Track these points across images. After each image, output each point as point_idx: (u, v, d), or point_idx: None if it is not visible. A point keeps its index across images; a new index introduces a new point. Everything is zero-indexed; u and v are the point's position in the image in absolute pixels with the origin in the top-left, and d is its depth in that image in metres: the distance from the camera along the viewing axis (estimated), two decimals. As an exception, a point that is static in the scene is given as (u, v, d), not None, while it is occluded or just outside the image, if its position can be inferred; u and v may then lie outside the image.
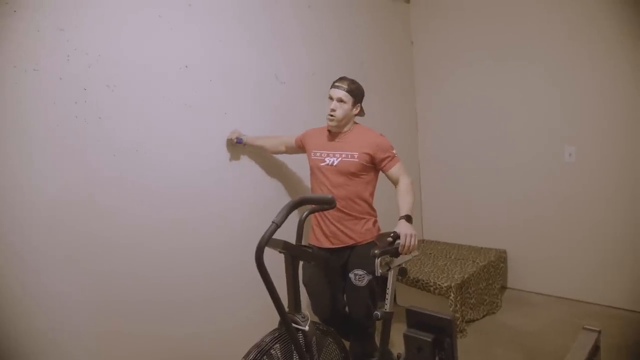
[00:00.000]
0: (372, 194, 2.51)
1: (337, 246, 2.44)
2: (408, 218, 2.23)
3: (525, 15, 3.46)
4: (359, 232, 2.44)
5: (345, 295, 2.53)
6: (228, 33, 2.59)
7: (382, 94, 3.77)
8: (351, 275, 2.39)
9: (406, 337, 1.14)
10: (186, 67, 2.39)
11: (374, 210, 2.53)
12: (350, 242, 2.43)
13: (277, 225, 1.56)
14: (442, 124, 4.10)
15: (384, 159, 2.40)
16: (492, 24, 3.65)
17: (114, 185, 2.12)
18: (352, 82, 2.42)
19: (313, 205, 2.13)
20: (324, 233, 2.47)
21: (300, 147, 2.64)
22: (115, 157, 2.12)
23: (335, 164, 2.41)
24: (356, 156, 2.38)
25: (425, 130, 4.24)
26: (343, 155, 2.40)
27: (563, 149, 3.42)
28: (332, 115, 2.39)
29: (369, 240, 2.42)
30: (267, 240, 1.53)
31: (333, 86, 2.43)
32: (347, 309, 2.54)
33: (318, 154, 2.48)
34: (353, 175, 2.40)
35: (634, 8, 3.01)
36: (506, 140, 3.72)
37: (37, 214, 1.88)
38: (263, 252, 1.52)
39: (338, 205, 2.32)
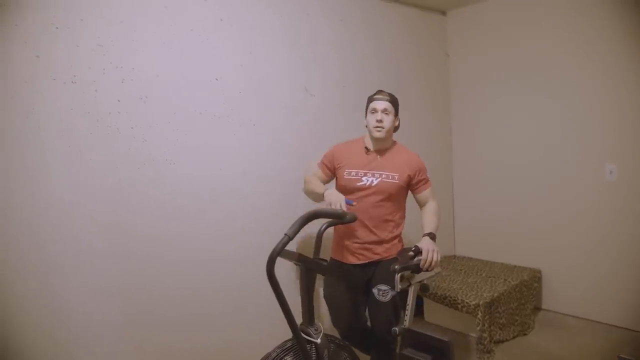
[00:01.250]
0: (403, 215, 2.48)
1: (362, 262, 2.40)
2: (432, 236, 2.22)
3: (566, 31, 3.36)
4: (385, 247, 2.40)
5: (367, 310, 2.49)
6: (259, 45, 2.65)
7: (415, 108, 3.74)
8: (374, 291, 2.33)
9: (402, 357, 1.13)
10: (216, 79, 2.47)
11: (400, 228, 2.48)
12: (376, 258, 2.39)
13: (289, 237, 1.59)
14: (478, 139, 4.02)
15: (420, 181, 2.39)
16: (532, 38, 3.55)
17: (140, 195, 2.21)
18: (390, 94, 2.40)
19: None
20: (349, 250, 2.41)
21: (329, 173, 2.50)
22: (145, 165, 2.21)
23: (374, 184, 2.32)
24: (397, 177, 2.33)
25: (460, 145, 4.16)
26: (383, 176, 2.33)
27: (604, 167, 3.28)
28: (380, 127, 2.32)
29: (394, 256, 2.37)
30: (278, 252, 1.56)
31: (374, 99, 2.37)
32: (369, 323, 2.51)
33: (353, 173, 2.37)
34: (391, 196, 2.34)
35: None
36: (544, 157, 3.59)
37: (62, 223, 1.98)
38: (274, 264, 1.55)
39: (370, 226, 2.33)
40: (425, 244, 2.15)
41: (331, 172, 2.49)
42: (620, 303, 3.28)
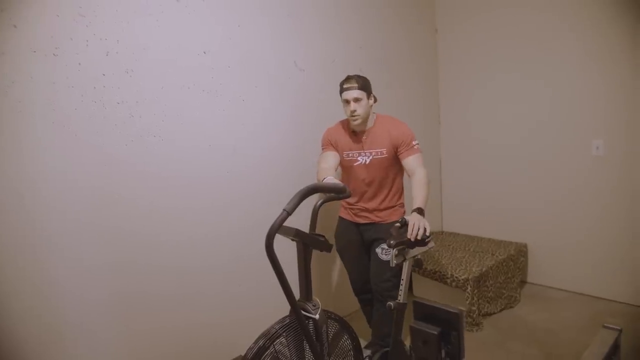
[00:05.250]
0: (402, 184, 2.60)
1: (365, 222, 2.58)
2: (420, 211, 2.23)
3: (555, 10, 3.35)
4: (387, 213, 2.57)
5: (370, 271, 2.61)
6: (247, 18, 2.57)
7: (403, 83, 3.72)
8: (378, 250, 2.49)
9: (412, 330, 1.12)
10: (204, 53, 2.39)
11: (402, 197, 2.62)
12: (378, 220, 2.56)
13: (288, 213, 1.55)
14: (466, 114, 4.02)
15: (403, 149, 2.43)
16: (521, 11, 3.53)
17: (128, 172, 2.14)
18: (358, 77, 2.41)
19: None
20: (354, 212, 2.62)
21: (335, 148, 2.60)
22: (132, 142, 2.14)
23: (367, 162, 2.48)
24: (385, 152, 2.44)
25: (448, 121, 4.16)
26: (374, 153, 2.46)
27: (590, 142, 3.31)
28: (355, 116, 2.39)
29: (394, 220, 2.47)
30: (277, 228, 1.52)
31: (343, 90, 2.40)
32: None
33: (350, 155, 2.52)
34: (386, 168, 2.48)
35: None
36: (531, 132, 3.62)
37: (48, 202, 1.90)
38: (273, 239, 1.52)
39: (370, 196, 2.52)
40: (412, 217, 2.18)
41: (335, 147, 2.58)
42: (604, 275, 3.36)
